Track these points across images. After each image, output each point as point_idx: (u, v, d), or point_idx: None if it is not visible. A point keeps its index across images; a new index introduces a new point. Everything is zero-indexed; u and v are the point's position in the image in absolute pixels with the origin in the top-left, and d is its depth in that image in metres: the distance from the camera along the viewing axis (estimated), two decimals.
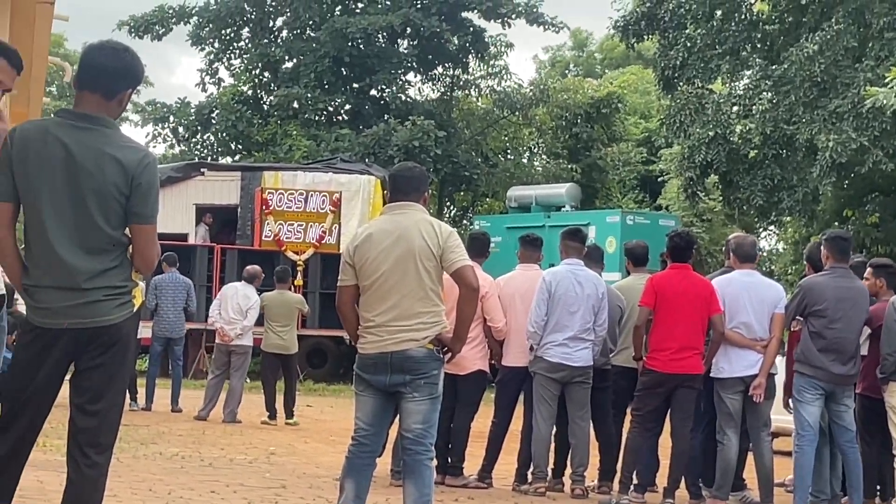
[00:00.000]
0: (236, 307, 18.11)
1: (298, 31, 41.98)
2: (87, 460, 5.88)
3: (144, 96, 46.41)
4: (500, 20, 41.18)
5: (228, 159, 41.81)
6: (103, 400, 5.87)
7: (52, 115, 6.11)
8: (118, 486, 10.06)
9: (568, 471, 11.87)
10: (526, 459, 11.85)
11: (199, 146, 42.99)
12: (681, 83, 28.65)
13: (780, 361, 11.72)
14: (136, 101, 43.41)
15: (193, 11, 42.18)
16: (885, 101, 18.95)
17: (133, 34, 41.06)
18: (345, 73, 40.87)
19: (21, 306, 8.51)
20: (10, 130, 5.96)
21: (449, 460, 11.93)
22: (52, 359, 5.86)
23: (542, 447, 11.66)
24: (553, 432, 11.85)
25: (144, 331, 18.09)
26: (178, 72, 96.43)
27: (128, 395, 16.64)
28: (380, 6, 40.32)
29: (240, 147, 42.16)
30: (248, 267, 19.28)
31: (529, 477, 11.78)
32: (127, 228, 5.90)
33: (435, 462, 8.28)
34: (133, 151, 5.85)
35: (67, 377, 6.10)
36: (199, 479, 11.57)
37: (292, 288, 21.05)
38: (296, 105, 39.96)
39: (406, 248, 7.90)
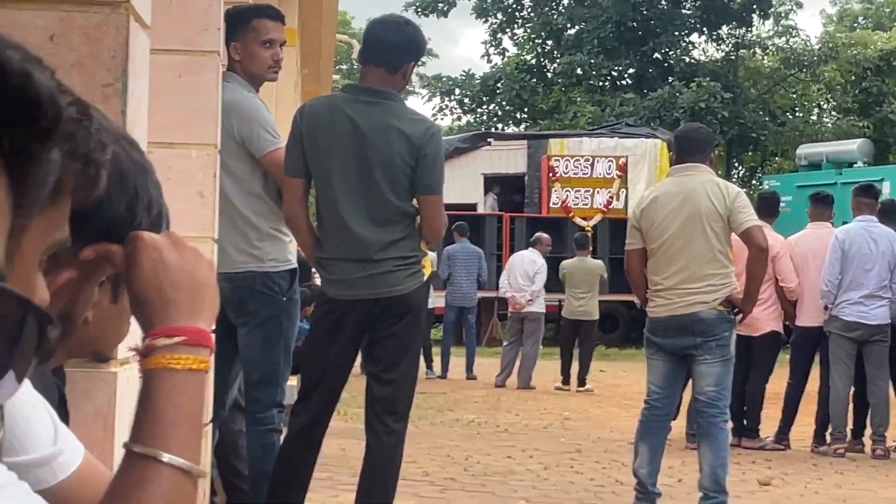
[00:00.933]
0: (523, 273, 18.24)
1: None
2: (384, 428, 6.03)
3: (430, 69, 47.31)
4: None
5: (514, 128, 42.24)
6: (398, 368, 6.01)
7: (339, 91, 6.26)
8: (417, 452, 10.28)
9: (868, 431, 11.62)
10: (824, 420, 11.67)
11: (484, 116, 43.59)
12: None
13: None
14: (423, 73, 44.19)
15: None
16: None
17: (419, 13, 41.86)
18: (628, 37, 40.83)
19: (318, 279, 8.78)
20: (299, 107, 6.14)
21: (745, 422, 11.84)
22: (346, 329, 6.02)
23: (839, 408, 11.46)
24: (851, 392, 11.63)
25: (438, 300, 18.54)
26: (462, 44, 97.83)
27: (423, 364, 16.98)
28: None
29: (525, 116, 42.69)
30: (537, 234, 19.40)
31: (828, 438, 11.59)
32: (414, 199, 5.99)
33: (730, 424, 8.20)
34: (418, 123, 5.94)
35: (362, 347, 6.24)
36: (496, 444, 11.77)
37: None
38: (579, 72, 40.30)
39: (692, 210, 7.82)
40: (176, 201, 4.91)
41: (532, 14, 43.89)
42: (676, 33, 41.62)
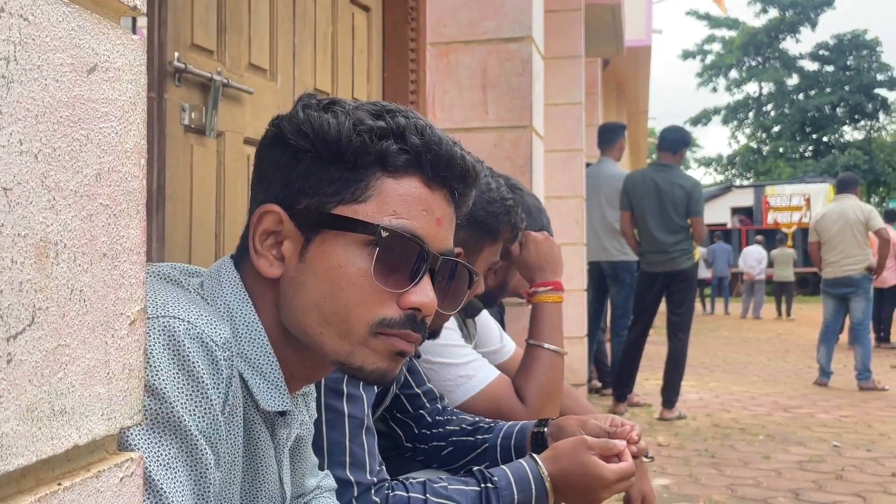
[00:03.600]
0: (754, 257, 25.22)
1: None
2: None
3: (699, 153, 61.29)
4: None
5: (745, 182, 54.08)
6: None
7: None
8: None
9: None
10: None
11: (729, 176, 58.11)
12: None
13: None
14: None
15: None
16: None
17: None
18: (809, 130, 54.18)
19: None
20: None
21: (881, 334, 13.73)
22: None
23: None
24: None
25: (706, 273, 26.15)
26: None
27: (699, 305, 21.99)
28: None
29: (750, 175, 55.66)
30: (758, 236, 26.01)
31: None
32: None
33: (872, 334, 9.77)
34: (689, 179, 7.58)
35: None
36: (738, 346, 14.48)
37: None
38: (781, 150, 54.30)
39: (845, 220, 9.69)
40: (563, 224, 7.88)
41: (753, 121, 53.70)
42: (836, 125, 50.77)
